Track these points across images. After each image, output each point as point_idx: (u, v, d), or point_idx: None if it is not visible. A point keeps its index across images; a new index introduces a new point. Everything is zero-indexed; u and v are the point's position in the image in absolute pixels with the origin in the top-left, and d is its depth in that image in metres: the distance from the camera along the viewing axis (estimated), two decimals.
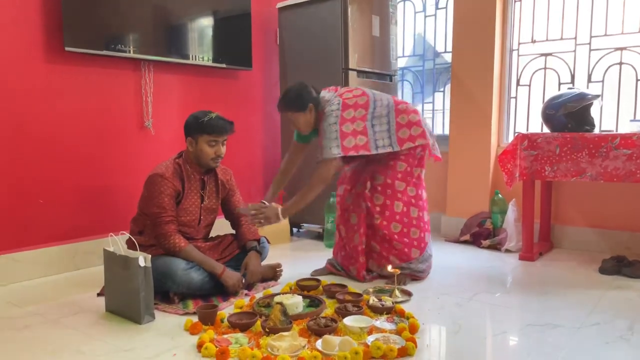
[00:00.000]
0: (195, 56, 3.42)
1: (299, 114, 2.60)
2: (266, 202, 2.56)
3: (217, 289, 2.44)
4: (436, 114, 4.19)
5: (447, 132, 3.95)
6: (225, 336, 1.94)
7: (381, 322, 2.08)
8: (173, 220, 2.41)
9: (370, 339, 1.89)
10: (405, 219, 2.68)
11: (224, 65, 3.60)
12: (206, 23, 3.51)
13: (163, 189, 2.39)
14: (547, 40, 3.55)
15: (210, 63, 3.52)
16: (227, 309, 2.28)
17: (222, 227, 2.82)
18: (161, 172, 2.42)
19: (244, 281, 2.50)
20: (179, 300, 2.36)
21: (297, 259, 3.21)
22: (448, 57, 3.98)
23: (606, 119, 3.35)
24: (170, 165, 2.47)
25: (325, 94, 2.66)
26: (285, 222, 3.71)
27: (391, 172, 2.65)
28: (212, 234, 2.74)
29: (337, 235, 2.86)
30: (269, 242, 2.84)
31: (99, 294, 2.47)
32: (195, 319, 2.11)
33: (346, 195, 2.79)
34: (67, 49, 2.78)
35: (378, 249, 2.70)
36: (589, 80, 3.40)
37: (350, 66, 3.51)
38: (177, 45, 3.34)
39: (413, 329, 1.99)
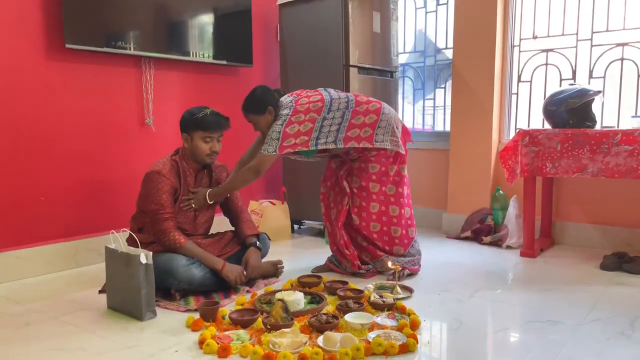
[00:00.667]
0: (196, 53, 3.42)
1: (259, 116, 2.69)
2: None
3: (218, 285, 2.45)
4: (437, 111, 4.18)
5: (448, 128, 3.94)
6: (226, 333, 1.94)
7: (382, 318, 2.09)
8: (172, 217, 2.41)
9: (371, 335, 1.90)
10: (384, 218, 2.74)
11: (224, 62, 3.59)
12: (207, 20, 3.50)
13: (160, 186, 2.40)
14: (548, 36, 3.54)
15: (210, 60, 3.51)
16: (228, 306, 2.28)
17: (222, 224, 2.83)
18: (158, 169, 2.42)
19: (245, 273, 2.50)
20: (180, 297, 2.36)
21: (298, 256, 3.21)
22: (449, 54, 3.97)
23: (607, 115, 3.34)
24: (167, 162, 2.48)
25: (285, 98, 2.75)
26: (286, 219, 3.72)
27: (365, 175, 2.71)
28: (213, 230, 2.74)
29: (327, 233, 2.89)
30: (269, 239, 2.84)
31: (100, 291, 2.48)
32: (196, 315, 2.11)
33: (328, 193, 2.86)
34: (67, 46, 2.78)
35: (365, 244, 2.78)
36: (591, 76, 3.39)
37: (351, 63, 3.51)
38: (177, 42, 3.33)
39: (414, 325, 1.99)
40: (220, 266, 2.42)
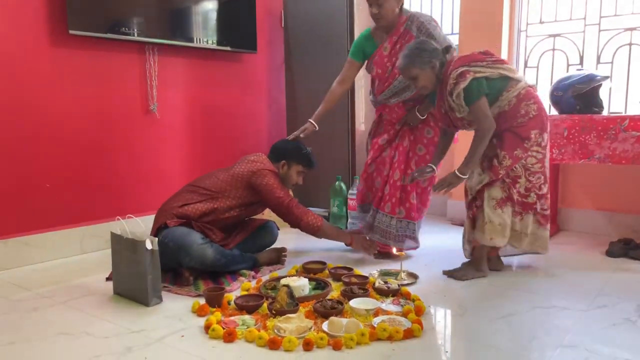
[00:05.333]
0: (200, 39, 3.40)
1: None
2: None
3: (228, 269, 2.47)
4: None
5: None
6: (232, 318, 1.95)
7: (387, 304, 2.09)
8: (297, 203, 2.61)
9: (376, 320, 1.90)
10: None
11: (228, 48, 3.57)
12: (211, 6, 3.47)
13: (277, 179, 2.60)
14: (555, 20, 3.49)
15: (214, 46, 3.49)
16: (233, 292, 2.29)
17: None
18: (270, 168, 2.61)
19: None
20: (190, 275, 2.38)
21: (302, 242, 3.21)
22: (455, 39, 3.93)
23: (615, 100, 3.31)
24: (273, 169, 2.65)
25: None
26: None
27: (427, 142, 2.78)
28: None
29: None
30: (278, 228, 2.86)
31: (107, 279, 2.48)
32: (202, 301, 2.12)
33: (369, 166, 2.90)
34: (71, 32, 2.77)
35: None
36: (598, 62, 3.35)
37: None
38: (181, 28, 3.31)
39: (419, 311, 2.00)
40: (349, 241, 2.71)
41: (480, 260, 2.50)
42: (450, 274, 2.51)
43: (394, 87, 2.69)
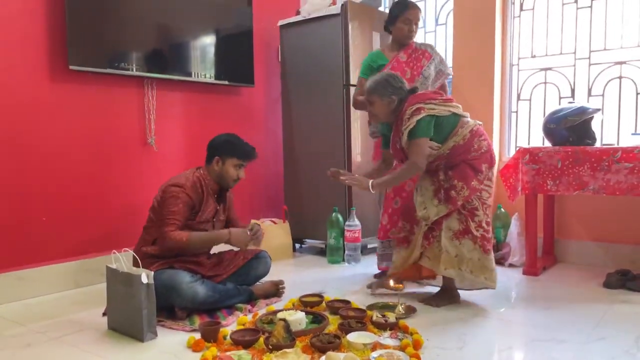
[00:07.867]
0: (198, 73, 3.45)
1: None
2: None
3: (222, 304, 2.45)
4: None
5: None
6: (228, 353, 1.92)
7: (385, 338, 2.07)
8: (178, 224, 2.39)
9: (374, 355, 1.88)
10: None
11: (226, 82, 3.63)
12: (208, 41, 3.55)
13: (182, 196, 2.41)
14: (546, 55, 3.57)
15: (212, 80, 3.54)
16: (229, 326, 2.27)
17: None
18: (181, 183, 2.44)
19: (249, 233, 2.54)
20: (186, 316, 2.35)
21: (299, 275, 3.20)
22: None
23: (607, 132, 3.36)
24: (190, 177, 2.49)
25: None
26: (287, 238, 3.71)
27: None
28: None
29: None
30: (270, 258, 2.84)
31: (104, 314, 2.43)
32: (197, 336, 2.09)
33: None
34: (71, 67, 2.82)
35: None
36: (589, 94, 3.41)
37: (352, 82, 3.53)
38: (179, 62, 3.37)
39: (417, 345, 1.98)
40: (227, 237, 2.47)
41: (452, 288, 2.59)
42: (427, 302, 2.56)
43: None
